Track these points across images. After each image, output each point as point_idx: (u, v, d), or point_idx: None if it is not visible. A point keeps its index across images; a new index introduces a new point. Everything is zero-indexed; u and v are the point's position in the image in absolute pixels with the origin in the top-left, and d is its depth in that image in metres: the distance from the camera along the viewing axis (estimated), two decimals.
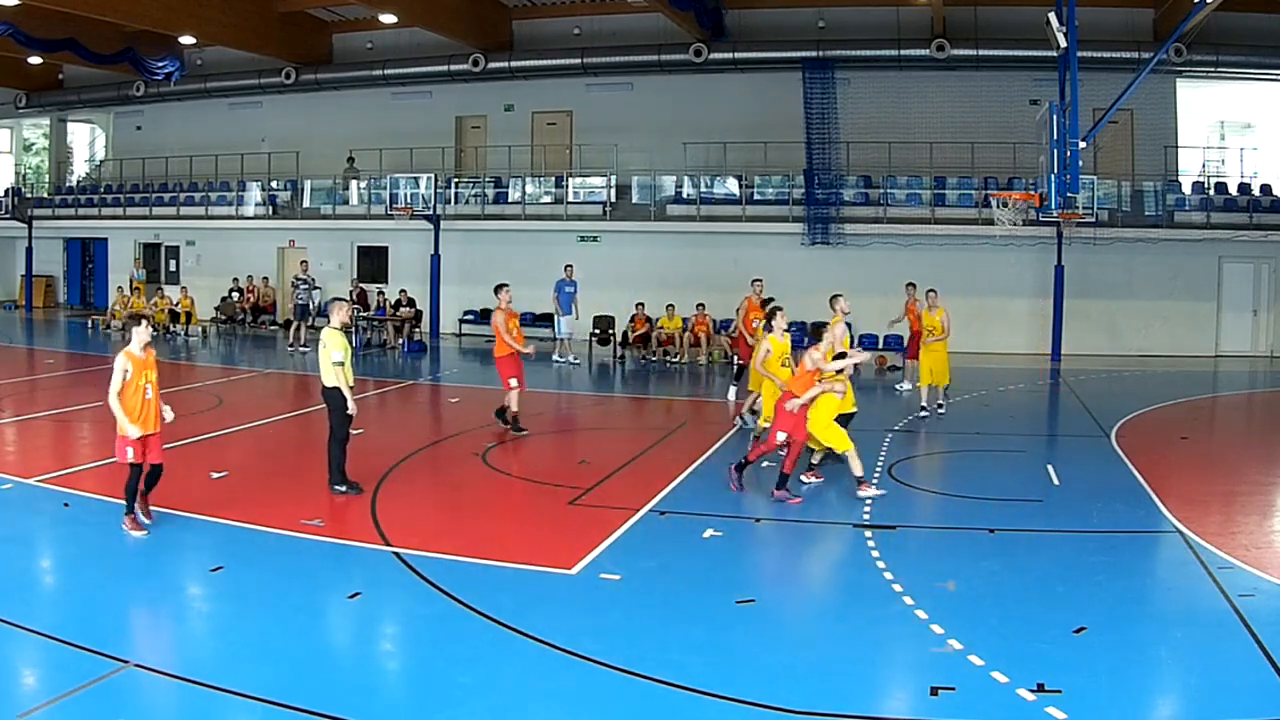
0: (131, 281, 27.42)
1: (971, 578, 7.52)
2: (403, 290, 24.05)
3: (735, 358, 17.68)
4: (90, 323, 26.56)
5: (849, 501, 9.48)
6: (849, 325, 11.66)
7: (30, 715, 4.98)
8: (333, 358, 9.18)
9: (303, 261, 24.58)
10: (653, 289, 23.74)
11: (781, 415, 9.36)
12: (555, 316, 21.62)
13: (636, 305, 22.12)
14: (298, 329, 22.48)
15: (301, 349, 21.76)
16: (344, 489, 9.33)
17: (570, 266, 21.59)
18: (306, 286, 23.10)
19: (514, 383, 12.35)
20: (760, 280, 15.46)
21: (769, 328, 10.69)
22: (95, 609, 6.50)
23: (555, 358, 20.71)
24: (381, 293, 24.39)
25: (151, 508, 8.29)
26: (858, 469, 9.46)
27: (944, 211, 23.02)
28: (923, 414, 14.13)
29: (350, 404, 9.22)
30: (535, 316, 25.06)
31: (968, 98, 22.88)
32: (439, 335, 25.72)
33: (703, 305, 21.35)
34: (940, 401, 14.56)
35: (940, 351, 14.12)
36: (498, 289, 12.79)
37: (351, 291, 24.15)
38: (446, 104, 27.71)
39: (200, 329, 25.46)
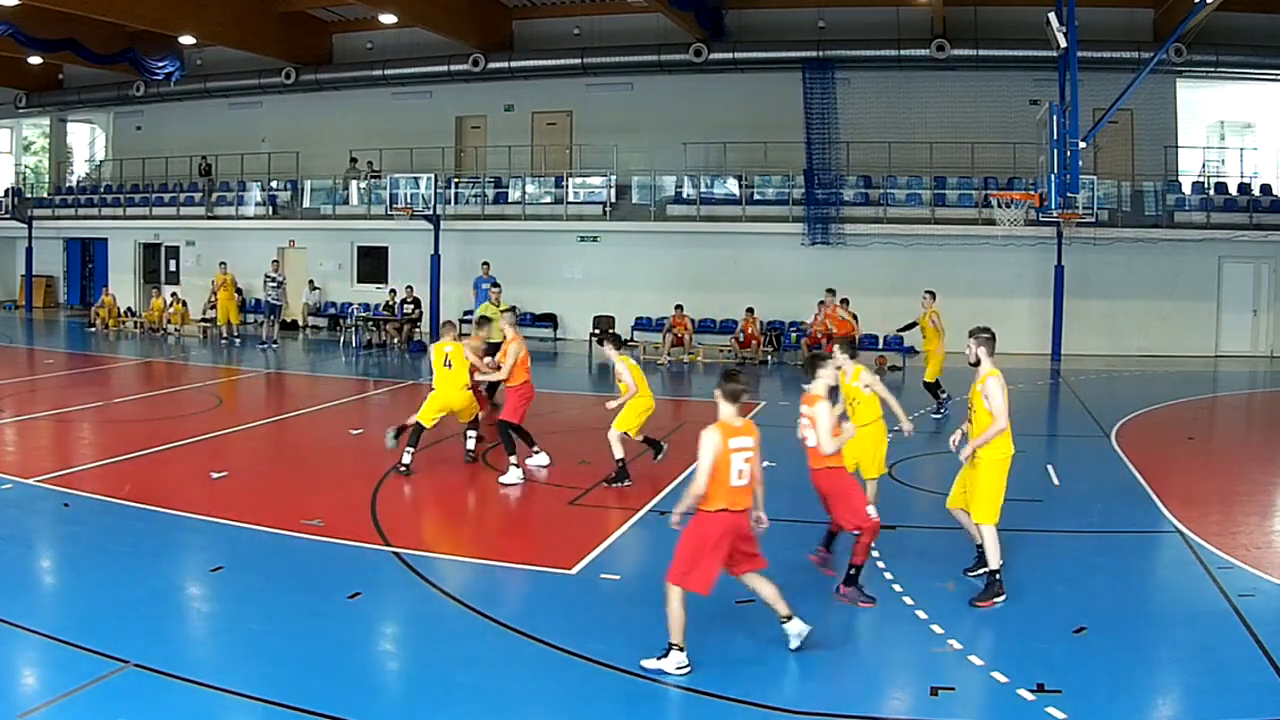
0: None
1: (971, 578, 7.52)
2: (409, 287, 23.96)
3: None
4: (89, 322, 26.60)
5: None
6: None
7: (30, 715, 4.98)
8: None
9: (274, 261, 25.07)
10: (653, 289, 23.76)
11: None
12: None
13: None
14: (271, 326, 23.17)
15: (273, 345, 22.59)
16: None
17: (486, 264, 21.69)
18: (276, 284, 23.41)
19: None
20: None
21: None
22: (95, 609, 6.49)
23: None
24: (393, 291, 24.29)
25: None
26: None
27: (944, 211, 23.02)
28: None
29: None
30: (535, 317, 25.07)
31: (968, 98, 22.88)
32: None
33: (681, 306, 21.66)
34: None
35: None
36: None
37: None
38: (446, 104, 27.71)
39: (202, 330, 25.42)
